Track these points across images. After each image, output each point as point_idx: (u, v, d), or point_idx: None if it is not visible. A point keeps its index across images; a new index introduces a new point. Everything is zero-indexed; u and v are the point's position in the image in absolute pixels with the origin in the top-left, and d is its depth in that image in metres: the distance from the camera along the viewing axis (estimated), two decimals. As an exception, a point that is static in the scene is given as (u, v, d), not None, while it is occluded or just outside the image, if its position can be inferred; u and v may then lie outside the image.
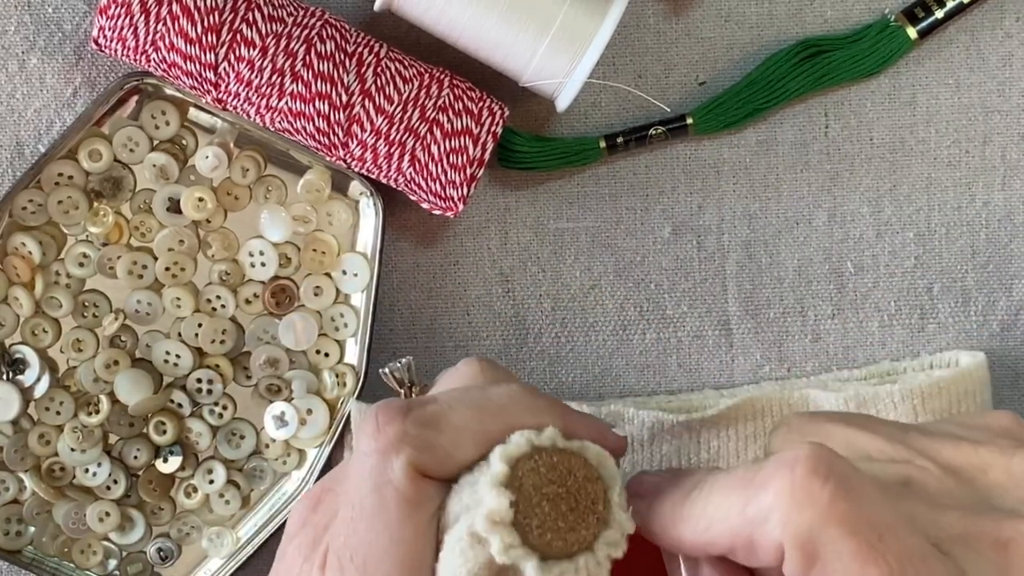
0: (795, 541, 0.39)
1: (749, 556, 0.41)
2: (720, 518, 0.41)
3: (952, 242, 0.67)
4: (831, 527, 0.38)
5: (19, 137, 0.64)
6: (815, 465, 0.39)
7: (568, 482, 0.42)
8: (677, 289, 0.67)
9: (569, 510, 0.41)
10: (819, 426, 0.44)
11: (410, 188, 0.62)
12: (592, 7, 0.60)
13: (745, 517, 0.40)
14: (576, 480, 0.42)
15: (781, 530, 0.39)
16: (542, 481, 0.41)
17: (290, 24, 0.60)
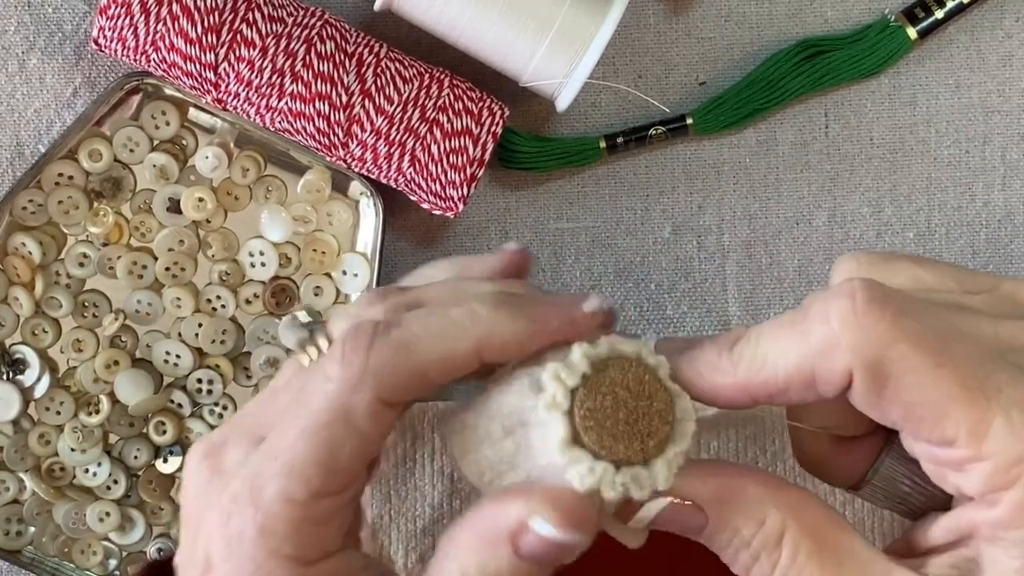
0: (865, 364, 0.39)
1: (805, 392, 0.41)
2: (776, 357, 0.41)
3: (952, 242, 0.67)
4: (900, 344, 0.38)
5: (19, 137, 0.64)
6: (872, 292, 0.39)
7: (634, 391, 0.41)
8: (677, 289, 0.67)
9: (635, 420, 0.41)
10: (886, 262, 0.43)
11: (410, 188, 0.62)
12: (592, 7, 0.60)
13: (807, 351, 0.40)
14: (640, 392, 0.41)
15: (850, 356, 0.39)
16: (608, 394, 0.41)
17: (290, 24, 0.60)
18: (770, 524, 0.43)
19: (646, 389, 0.41)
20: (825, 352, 0.40)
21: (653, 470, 0.40)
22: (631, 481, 0.40)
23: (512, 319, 0.42)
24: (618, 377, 0.41)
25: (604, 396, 0.40)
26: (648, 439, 0.41)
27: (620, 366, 0.41)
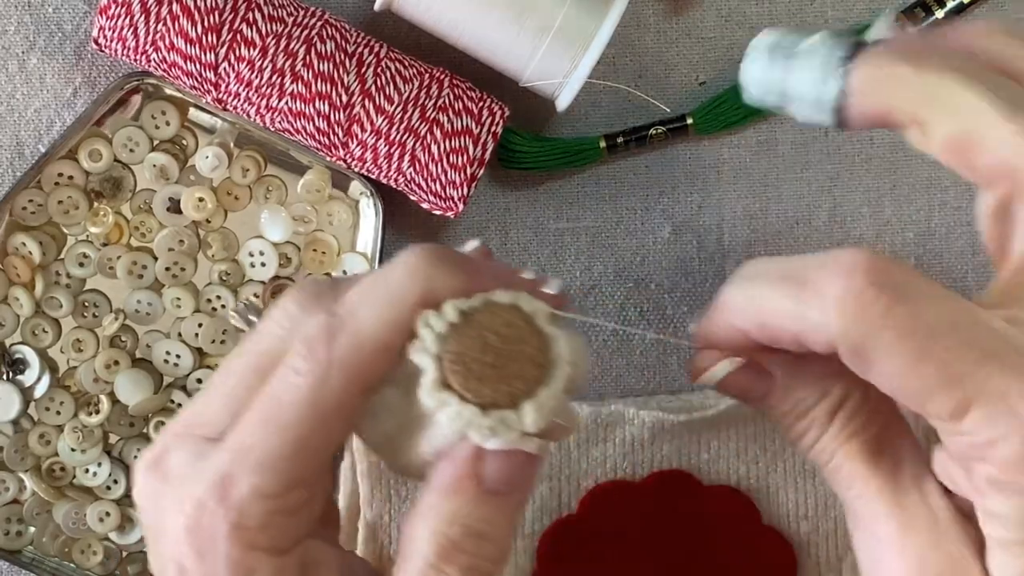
0: (849, 346, 0.39)
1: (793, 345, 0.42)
2: (770, 309, 0.41)
3: (952, 242, 0.67)
4: (886, 332, 0.39)
5: (19, 137, 0.64)
6: (872, 274, 0.39)
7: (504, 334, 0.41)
8: (677, 289, 0.67)
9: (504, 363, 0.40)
10: None
11: (410, 188, 0.62)
12: (592, 7, 0.60)
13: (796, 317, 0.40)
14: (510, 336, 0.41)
15: (837, 338, 0.39)
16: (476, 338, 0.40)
17: (290, 24, 0.60)
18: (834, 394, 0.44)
19: (517, 333, 0.41)
20: (812, 326, 0.40)
21: (522, 413, 0.40)
22: (499, 424, 0.40)
23: (451, 274, 0.42)
24: (488, 322, 0.41)
25: (472, 340, 0.40)
26: (516, 382, 0.40)
27: (491, 312, 0.41)
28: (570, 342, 0.42)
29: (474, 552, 0.41)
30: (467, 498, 0.41)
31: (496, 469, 0.41)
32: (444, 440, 0.41)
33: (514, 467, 0.41)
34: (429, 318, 0.41)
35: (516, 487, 0.41)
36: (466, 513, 0.41)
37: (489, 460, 0.41)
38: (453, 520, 0.41)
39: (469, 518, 0.41)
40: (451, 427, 0.40)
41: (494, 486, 0.41)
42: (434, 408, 0.40)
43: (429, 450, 0.42)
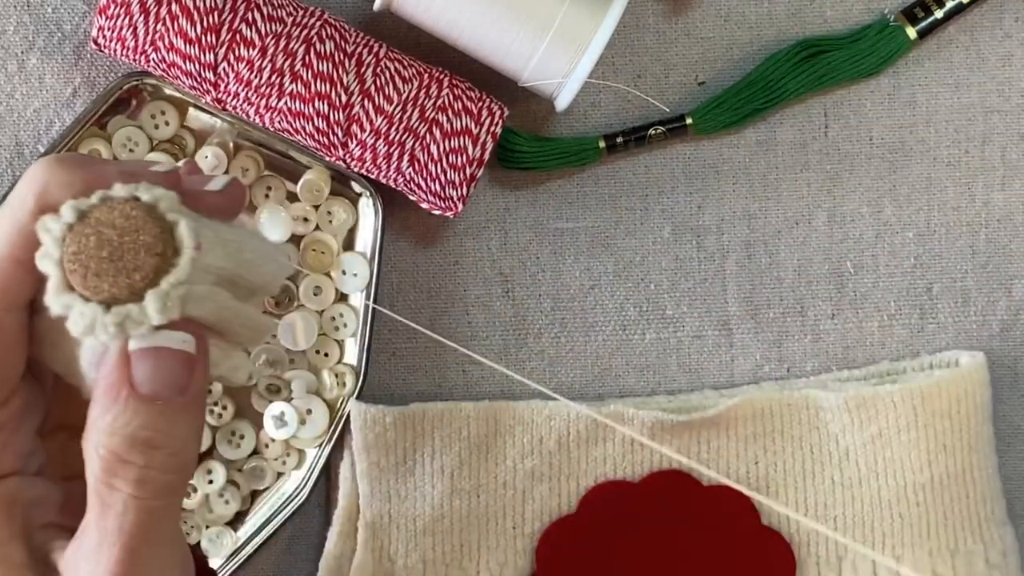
0: None
1: None
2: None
3: (952, 242, 0.67)
4: None
5: (18, 137, 0.64)
6: None
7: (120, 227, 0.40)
8: (677, 289, 0.67)
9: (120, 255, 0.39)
10: None
11: (410, 188, 0.62)
12: (592, 7, 0.60)
13: None
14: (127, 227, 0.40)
15: None
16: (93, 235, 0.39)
17: (289, 24, 0.60)
18: None
19: (133, 223, 0.40)
20: None
21: (144, 305, 0.39)
22: (124, 319, 0.39)
23: (69, 171, 0.40)
24: (104, 217, 0.40)
25: (88, 238, 0.39)
26: (135, 273, 0.39)
27: (109, 207, 0.40)
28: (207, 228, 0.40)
29: (144, 463, 0.39)
30: (123, 406, 0.39)
31: (144, 370, 0.39)
32: (93, 351, 0.40)
33: (165, 366, 0.39)
34: (47, 222, 0.39)
35: (176, 389, 0.39)
36: (125, 422, 0.39)
37: (136, 362, 0.39)
38: (113, 431, 0.39)
39: (129, 427, 0.39)
40: (79, 330, 0.39)
41: (148, 389, 0.39)
42: (62, 313, 0.39)
43: (88, 367, 0.41)
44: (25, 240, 0.40)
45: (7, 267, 0.40)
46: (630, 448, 0.64)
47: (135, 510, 0.39)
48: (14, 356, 0.41)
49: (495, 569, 0.63)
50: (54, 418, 0.45)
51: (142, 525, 0.39)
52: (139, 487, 0.39)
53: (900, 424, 0.64)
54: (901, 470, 0.64)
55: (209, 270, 0.41)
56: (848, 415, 0.64)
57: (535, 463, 0.64)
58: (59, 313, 0.39)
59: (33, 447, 0.43)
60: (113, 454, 0.39)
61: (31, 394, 0.43)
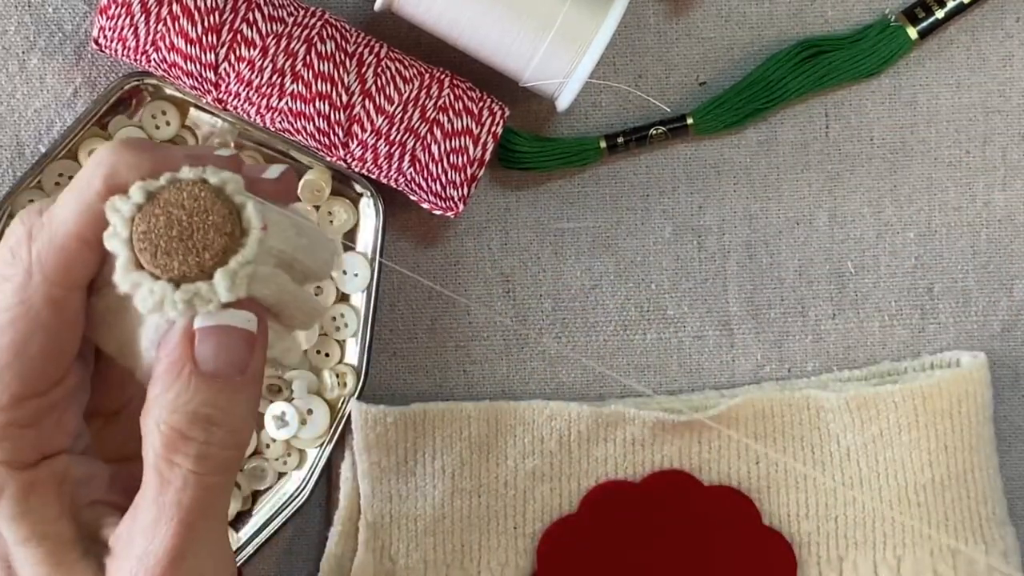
0: None
1: None
2: None
3: (953, 242, 0.67)
4: None
5: (19, 137, 0.64)
6: None
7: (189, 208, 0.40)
8: (678, 289, 0.67)
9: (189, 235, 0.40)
10: None
11: (410, 188, 0.62)
12: (592, 7, 0.60)
13: None
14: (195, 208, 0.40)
15: None
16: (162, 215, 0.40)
17: (290, 24, 0.60)
18: None
19: (202, 204, 0.40)
20: None
21: (214, 283, 0.40)
22: (193, 296, 0.40)
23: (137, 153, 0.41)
24: (173, 197, 0.40)
25: (157, 217, 0.40)
26: (204, 252, 0.40)
27: (178, 188, 0.41)
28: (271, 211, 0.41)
29: (204, 439, 0.40)
30: (186, 383, 0.40)
31: (208, 348, 0.40)
32: (156, 330, 0.41)
33: (228, 345, 0.40)
34: (116, 202, 0.40)
35: (237, 367, 0.40)
36: (187, 399, 0.40)
37: (200, 340, 0.40)
38: (174, 408, 0.40)
39: (191, 404, 0.40)
40: (147, 307, 0.40)
41: (211, 367, 0.40)
42: (130, 291, 0.40)
43: (148, 346, 0.41)
44: (92, 220, 0.41)
45: (74, 246, 0.41)
46: (631, 448, 0.64)
47: (194, 486, 0.40)
48: (73, 335, 0.42)
49: (496, 569, 0.63)
50: (91, 403, 0.46)
51: (200, 500, 0.40)
52: (199, 463, 0.40)
53: (901, 424, 0.64)
54: (902, 470, 0.64)
55: (271, 252, 0.41)
56: (849, 415, 0.64)
57: (536, 463, 0.64)
58: (127, 290, 0.40)
59: (81, 427, 0.44)
60: (175, 430, 0.40)
61: (81, 375, 0.44)
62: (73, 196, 0.42)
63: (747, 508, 0.64)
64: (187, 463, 0.40)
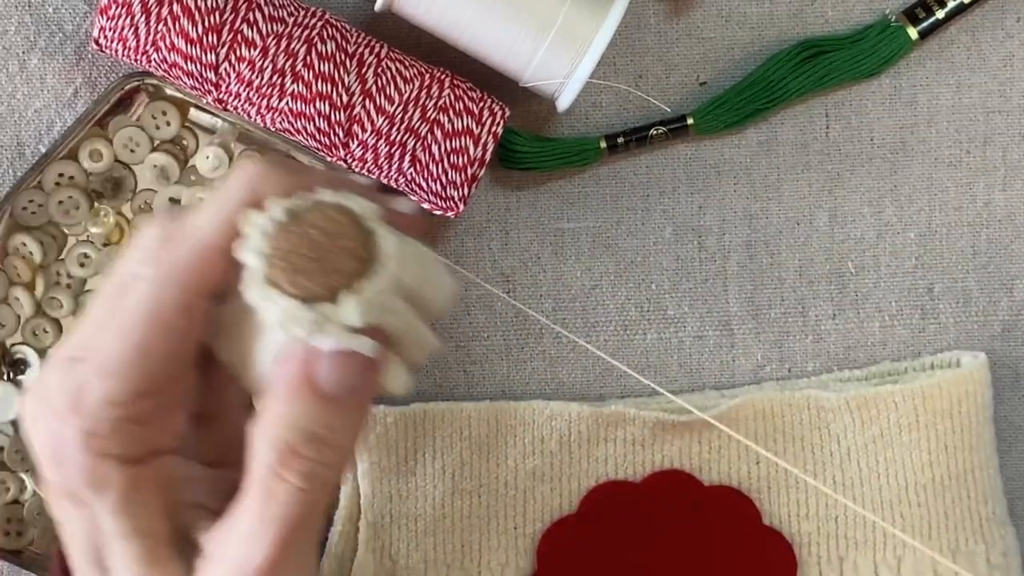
0: None
1: None
2: None
3: (953, 242, 0.67)
4: None
5: (20, 137, 0.64)
6: None
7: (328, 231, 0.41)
8: (678, 289, 0.67)
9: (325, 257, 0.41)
10: None
11: (410, 188, 0.62)
12: (593, 7, 0.60)
13: None
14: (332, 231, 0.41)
15: None
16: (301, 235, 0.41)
17: (291, 24, 0.60)
18: None
19: (340, 229, 0.41)
20: None
21: (342, 305, 0.40)
22: (321, 317, 0.40)
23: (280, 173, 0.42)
24: (313, 219, 0.41)
25: (296, 237, 0.41)
26: (335, 275, 0.41)
27: (319, 210, 0.41)
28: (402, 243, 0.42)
29: (314, 458, 0.41)
30: (303, 402, 0.41)
31: (329, 370, 0.41)
32: (279, 346, 0.41)
33: (348, 369, 0.41)
34: (254, 217, 0.41)
35: (353, 391, 0.41)
36: (303, 417, 0.41)
37: (322, 361, 0.41)
38: (290, 425, 0.41)
39: (306, 422, 0.41)
40: (275, 322, 0.40)
41: (329, 389, 0.41)
42: (259, 304, 0.40)
43: (267, 360, 0.42)
44: (229, 231, 0.42)
45: (209, 255, 0.42)
46: (631, 448, 0.64)
47: (299, 502, 0.41)
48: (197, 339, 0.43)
49: (496, 569, 0.63)
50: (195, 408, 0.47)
51: (301, 517, 0.41)
52: (307, 480, 0.41)
53: (901, 424, 0.64)
54: (902, 470, 0.64)
55: (399, 283, 0.42)
56: (849, 415, 0.64)
57: (536, 463, 0.64)
58: (255, 304, 0.41)
59: (187, 430, 0.45)
60: (288, 447, 0.41)
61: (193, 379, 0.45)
62: (214, 206, 0.43)
63: (747, 508, 0.64)
64: (295, 479, 0.41)
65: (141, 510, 0.43)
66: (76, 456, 0.42)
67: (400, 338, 0.43)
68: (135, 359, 0.42)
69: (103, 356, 0.42)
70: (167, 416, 0.44)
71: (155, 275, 0.42)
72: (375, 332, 0.41)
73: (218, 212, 0.42)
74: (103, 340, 0.42)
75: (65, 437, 0.42)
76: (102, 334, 0.43)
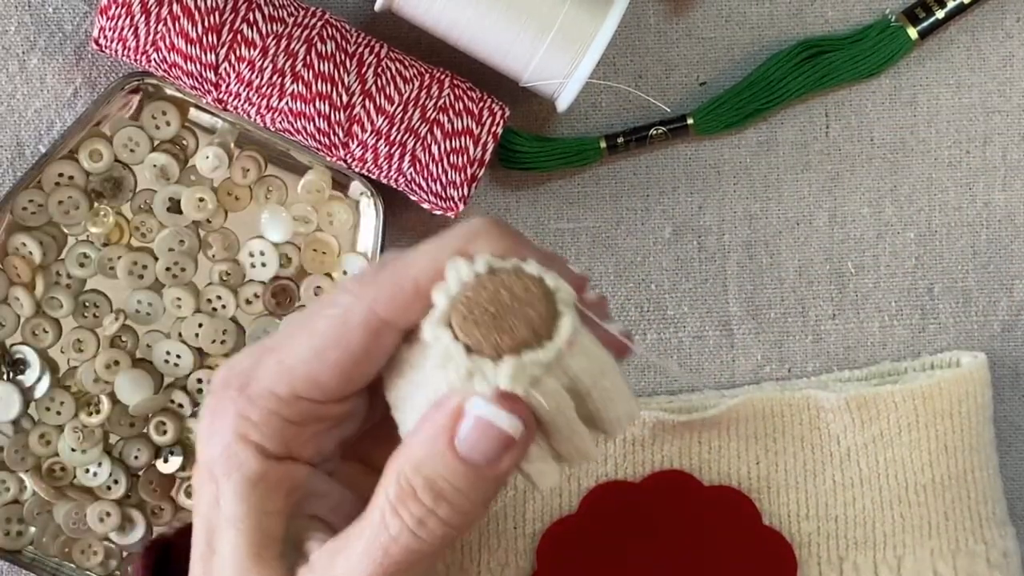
0: None
1: None
2: None
3: (953, 242, 0.67)
4: None
5: (19, 137, 0.64)
6: None
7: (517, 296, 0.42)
8: (678, 289, 0.67)
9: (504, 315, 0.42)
10: None
11: (410, 188, 0.62)
12: (593, 7, 0.60)
13: None
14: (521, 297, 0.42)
15: None
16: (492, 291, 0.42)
17: (291, 24, 0.60)
18: None
19: (530, 298, 0.42)
20: None
21: (499, 367, 0.41)
22: (476, 370, 0.41)
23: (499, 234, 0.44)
24: (507, 280, 0.42)
25: (486, 291, 0.42)
26: (505, 336, 0.41)
27: (517, 275, 0.42)
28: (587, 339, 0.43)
29: (429, 507, 0.42)
30: (437, 451, 0.42)
31: (469, 431, 0.42)
32: (436, 393, 0.42)
33: (488, 438, 0.42)
34: (458, 263, 0.43)
35: (487, 461, 0.42)
36: (431, 465, 0.42)
37: (466, 421, 0.42)
38: (417, 467, 0.42)
39: (432, 471, 0.42)
40: (436, 360, 0.42)
41: (464, 449, 0.42)
42: (428, 340, 0.42)
43: (424, 405, 0.43)
44: (435, 272, 0.43)
45: (410, 288, 0.44)
46: (631, 448, 0.64)
47: (406, 542, 0.42)
48: (371, 367, 0.45)
49: (496, 569, 0.63)
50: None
51: (406, 557, 0.43)
52: (418, 525, 0.42)
53: (901, 424, 0.64)
54: (902, 470, 0.64)
55: (568, 373, 0.43)
56: (849, 415, 0.64)
57: (536, 463, 0.63)
58: (427, 338, 0.42)
59: (334, 454, 0.47)
60: (410, 486, 0.42)
61: (357, 409, 0.46)
62: (430, 248, 0.44)
63: (747, 508, 0.64)
64: (408, 520, 0.42)
65: (261, 502, 0.44)
66: (223, 432, 0.44)
67: (553, 430, 0.43)
68: (310, 361, 0.44)
69: (284, 351, 0.44)
70: (320, 431, 0.45)
71: (357, 291, 0.44)
72: (523, 409, 0.42)
73: (430, 254, 0.44)
74: (291, 336, 0.44)
75: (222, 412, 0.44)
76: (285, 335, 0.45)
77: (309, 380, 0.44)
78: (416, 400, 0.44)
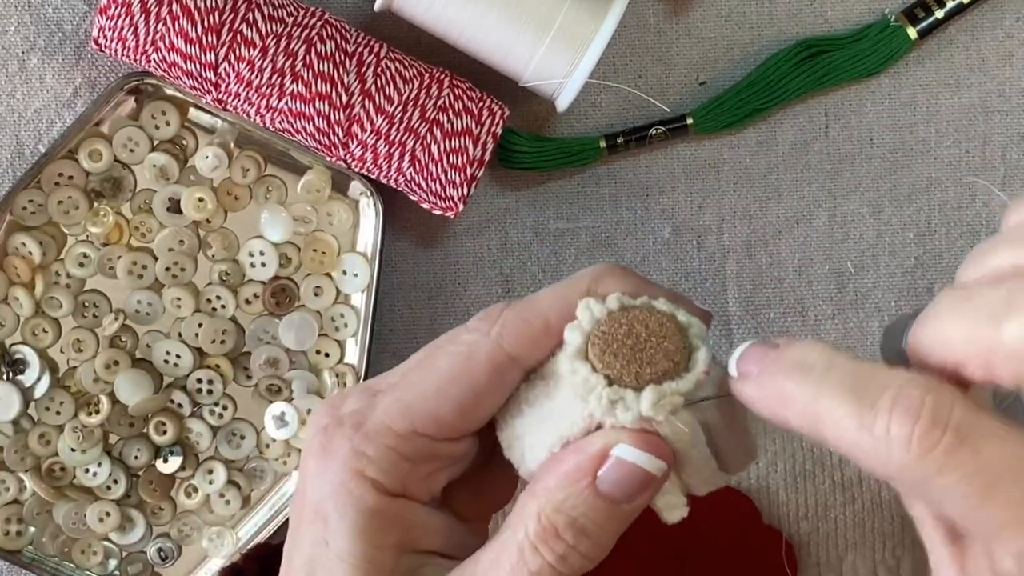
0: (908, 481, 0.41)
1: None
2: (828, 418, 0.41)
3: (952, 242, 0.67)
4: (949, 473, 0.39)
5: (19, 137, 0.64)
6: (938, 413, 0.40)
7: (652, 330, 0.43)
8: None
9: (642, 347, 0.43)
10: None
11: (410, 188, 0.62)
12: (592, 7, 0.60)
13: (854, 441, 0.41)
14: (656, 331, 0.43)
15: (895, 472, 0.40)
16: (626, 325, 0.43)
17: (290, 24, 0.60)
18: None
19: (665, 332, 0.43)
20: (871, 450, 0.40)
21: (641, 395, 0.42)
22: (618, 398, 0.42)
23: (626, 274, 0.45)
24: (641, 316, 0.44)
25: (621, 325, 0.43)
26: (646, 367, 0.43)
27: (649, 311, 0.44)
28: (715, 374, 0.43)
29: (571, 544, 0.43)
30: (579, 491, 0.43)
31: (614, 474, 0.43)
32: (570, 430, 0.43)
33: (631, 478, 0.43)
34: (590, 302, 0.44)
35: (628, 498, 0.43)
36: (573, 505, 0.43)
37: (610, 464, 0.43)
38: (560, 508, 0.43)
39: (575, 510, 0.43)
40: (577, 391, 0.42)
41: (606, 489, 0.43)
42: (567, 373, 0.43)
43: (556, 440, 0.43)
44: (563, 310, 0.44)
45: (536, 324, 0.44)
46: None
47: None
48: (491, 405, 0.45)
49: (496, 569, 0.63)
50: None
51: None
52: (559, 561, 0.43)
53: (901, 424, 0.64)
54: (902, 470, 0.64)
55: (701, 407, 0.43)
56: (849, 415, 0.64)
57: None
58: (563, 372, 0.43)
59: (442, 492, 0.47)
60: (552, 525, 0.43)
61: (471, 449, 0.47)
62: (559, 288, 0.45)
63: (747, 508, 0.64)
64: (549, 557, 0.43)
65: (372, 537, 0.44)
66: (336, 470, 0.44)
67: (685, 461, 0.44)
68: (431, 397, 0.44)
69: (404, 388, 0.44)
70: (433, 469, 0.45)
71: (484, 328, 0.44)
72: (661, 445, 0.43)
73: (560, 293, 0.45)
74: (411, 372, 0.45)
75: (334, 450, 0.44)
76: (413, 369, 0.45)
77: (429, 416, 0.44)
78: (540, 437, 0.44)
